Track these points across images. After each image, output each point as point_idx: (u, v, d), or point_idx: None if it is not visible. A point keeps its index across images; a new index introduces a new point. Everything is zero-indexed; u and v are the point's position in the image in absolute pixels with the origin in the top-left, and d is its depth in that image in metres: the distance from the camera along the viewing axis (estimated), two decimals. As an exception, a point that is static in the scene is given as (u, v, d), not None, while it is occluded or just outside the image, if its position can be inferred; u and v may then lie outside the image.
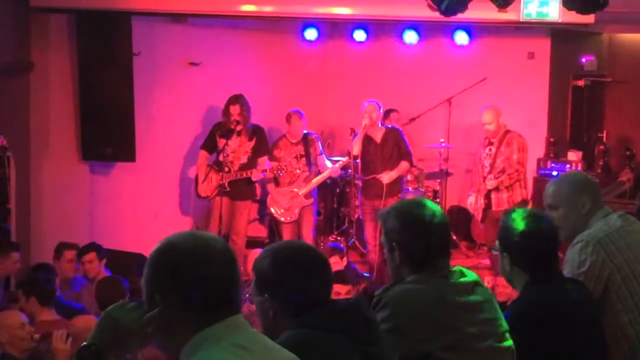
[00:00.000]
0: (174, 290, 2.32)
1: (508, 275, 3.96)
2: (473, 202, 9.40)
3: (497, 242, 3.99)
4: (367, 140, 9.52)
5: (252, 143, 9.81)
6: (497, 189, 9.11)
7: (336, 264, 8.15)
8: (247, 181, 9.78)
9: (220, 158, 9.78)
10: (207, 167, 9.92)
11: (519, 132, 9.24)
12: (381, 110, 9.58)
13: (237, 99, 9.76)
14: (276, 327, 2.87)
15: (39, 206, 9.96)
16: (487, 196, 9.20)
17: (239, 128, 9.69)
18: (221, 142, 9.77)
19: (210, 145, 9.98)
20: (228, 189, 9.74)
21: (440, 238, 3.43)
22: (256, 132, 9.88)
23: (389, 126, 9.79)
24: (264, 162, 9.73)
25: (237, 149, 9.78)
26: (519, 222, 3.88)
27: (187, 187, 10.80)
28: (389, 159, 9.47)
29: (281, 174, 9.67)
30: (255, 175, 9.61)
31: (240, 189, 9.77)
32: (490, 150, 9.20)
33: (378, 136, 9.54)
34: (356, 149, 9.45)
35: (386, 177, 9.37)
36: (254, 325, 2.52)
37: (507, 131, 9.18)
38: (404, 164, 9.55)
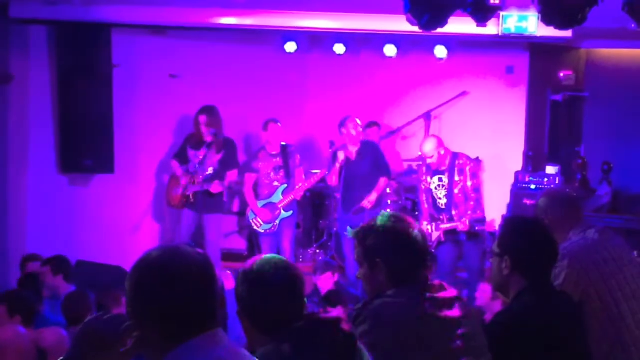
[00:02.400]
0: (150, 305, 2.33)
1: (503, 280, 3.93)
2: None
3: (495, 246, 3.99)
4: (344, 159, 9.53)
5: (220, 156, 9.78)
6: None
7: (330, 279, 8.17)
8: (213, 194, 9.75)
9: (189, 169, 9.81)
10: (176, 177, 9.93)
11: (467, 155, 9.12)
12: (359, 127, 9.58)
13: (205, 109, 9.79)
14: (253, 342, 2.89)
15: (18, 218, 9.93)
16: (448, 231, 9.01)
17: (208, 139, 9.69)
18: (190, 153, 9.80)
19: (181, 155, 9.98)
20: (192, 200, 9.73)
21: (421, 250, 3.45)
22: (226, 146, 9.84)
23: (365, 140, 9.76)
24: (232, 175, 9.73)
25: (203, 160, 9.77)
26: (528, 228, 3.91)
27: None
28: (367, 175, 9.45)
29: (239, 188, 9.63)
30: (215, 188, 9.59)
31: (206, 201, 9.73)
32: (441, 180, 9.03)
33: (353, 152, 9.53)
34: (333, 181, 9.49)
35: (367, 203, 9.37)
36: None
37: (455, 156, 9.02)
38: (382, 182, 9.53)
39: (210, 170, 9.70)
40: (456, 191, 8.86)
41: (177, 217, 10.35)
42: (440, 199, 8.98)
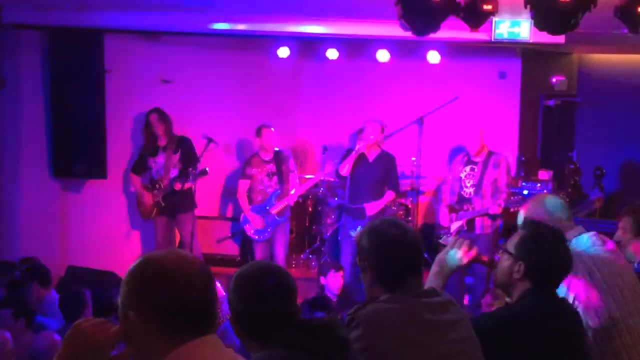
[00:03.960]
0: (149, 308, 2.33)
1: (511, 281, 3.90)
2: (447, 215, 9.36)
3: (512, 246, 3.92)
4: (359, 157, 9.45)
5: (178, 155, 9.83)
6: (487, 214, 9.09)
7: (338, 279, 8.19)
8: (182, 193, 9.76)
9: (152, 176, 9.85)
10: (142, 188, 9.95)
11: (504, 154, 9.30)
12: (383, 132, 9.55)
13: (154, 110, 9.92)
14: (247, 347, 2.89)
15: (10, 223, 9.90)
16: (469, 220, 9.14)
17: (162, 143, 9.75)
18: (149, 161, 9.84)
19: (139, 166, 10.05)
20: (163, 204, 9.76)
21: (412, 257, 3.43)
22: (181, 144, 9.92)
23: (385, 151, 9.68)
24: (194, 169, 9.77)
25: (165, 164, 9.79)
26: (549, 240, 3.87)
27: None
28: (376, 182, 9.41)
29: (204, 175, 9.62)
30: (180, 185, 9.64)
31: (177, 202, 9.76)
32: (473, 170, 9.15)
33: (371, 156, 9.49)
34: (345, 170, 9.41)
35: (370, 208, 9.32)
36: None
37: (492, 152, 9.18)
38: (390, 195, 9.50)
39: (175, 172, 9.75)
40: (486, 182, 9.09)
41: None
42: (467, 187, 9.15)
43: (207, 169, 9.53)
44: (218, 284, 7.47)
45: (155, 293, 2.33)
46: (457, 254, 3.95)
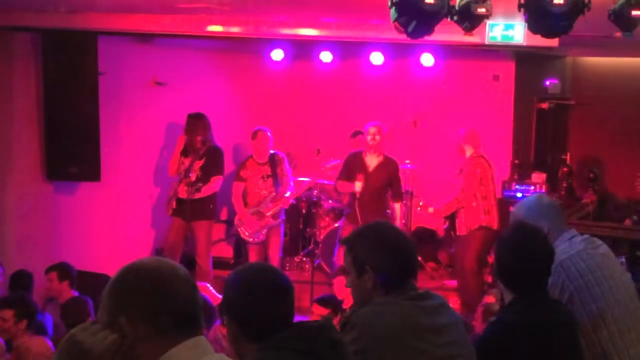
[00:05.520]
0: (142, 311, 2.31)
1: (498, 284, 3.98)
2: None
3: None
4: (360, 166, 9.45)
5: (201, 162, 9.80)
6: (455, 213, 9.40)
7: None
8: (201, 201, 9.75)
9: (179, 177, 9.86)
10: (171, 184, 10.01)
11: (476, 160, 9.31)
12: (377, 135, 9.49)
13: (189, 116, 10.00)
14: (240, 350, 2.87)
15: (3, 226, 9.87)
16: (452, 220, 9.37)
17: (197, 146, 9.73)
18: (180, 161, 9.84)
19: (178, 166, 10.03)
20: (175, 207, 9.75)
21: (411, 259, 3.45)
22: (208, 152, 9.88)
23: (388, 157, 9.67)
24: (216, 181, 9.75)
25: (187, 167, 9.79)
26: (521, 240, 3.89)
27: (153, 207, 10.76)
28: (378, 189, 9.39)
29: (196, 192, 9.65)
30: (182, 192, 9.69)
31: (193, 208, 9.73)
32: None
33: (372, 163, 9.46)
34: (359, 186, 9.41)
35: None
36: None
37: (469, 158, 9.27)
38: (397, 207, 9.55)
39: (193, 177, 9.72)
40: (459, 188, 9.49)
41: (166, 226, 10.34)
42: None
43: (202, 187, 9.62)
44: (211, 289, 7.47)
45: (147, 297, 2.32)
46: None
